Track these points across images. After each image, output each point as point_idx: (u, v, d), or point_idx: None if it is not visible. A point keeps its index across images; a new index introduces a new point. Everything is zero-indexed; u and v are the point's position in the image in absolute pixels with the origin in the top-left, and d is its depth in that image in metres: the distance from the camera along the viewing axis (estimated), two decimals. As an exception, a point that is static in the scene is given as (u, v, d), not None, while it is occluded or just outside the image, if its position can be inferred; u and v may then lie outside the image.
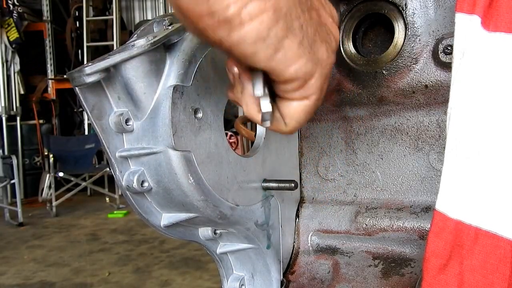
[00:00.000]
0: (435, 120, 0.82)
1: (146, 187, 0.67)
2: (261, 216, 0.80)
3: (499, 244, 0.51)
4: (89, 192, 8.12)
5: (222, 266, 0.84)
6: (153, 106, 0.64)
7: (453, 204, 0.54)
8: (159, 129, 0.63)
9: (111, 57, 0.59)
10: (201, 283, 4.14)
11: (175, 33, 0.65)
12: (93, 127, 0.65)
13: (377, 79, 0.83)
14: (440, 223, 0.54)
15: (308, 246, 0.92)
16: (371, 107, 0.86)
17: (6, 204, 6.82)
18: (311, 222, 0.93)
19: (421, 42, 0.79)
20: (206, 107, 0.68)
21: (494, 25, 0.53)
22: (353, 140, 0.90)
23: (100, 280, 4.29)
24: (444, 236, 0.54)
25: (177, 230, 0.75)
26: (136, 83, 0.62)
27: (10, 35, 7.65)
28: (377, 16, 0.83)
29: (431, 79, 0.79)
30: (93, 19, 8.76)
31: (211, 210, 0.69)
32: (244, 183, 0.75)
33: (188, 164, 0.64)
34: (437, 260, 0.54)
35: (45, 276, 4.47)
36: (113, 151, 0.65)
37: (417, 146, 0.84)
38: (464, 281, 0.52)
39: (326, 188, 0.93)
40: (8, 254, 5.18)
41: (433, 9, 0.78)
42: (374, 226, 0.87)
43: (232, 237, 0.80)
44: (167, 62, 0.65)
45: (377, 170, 0.88)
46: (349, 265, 0.87)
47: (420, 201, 0.84)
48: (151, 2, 10.57)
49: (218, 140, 0.70)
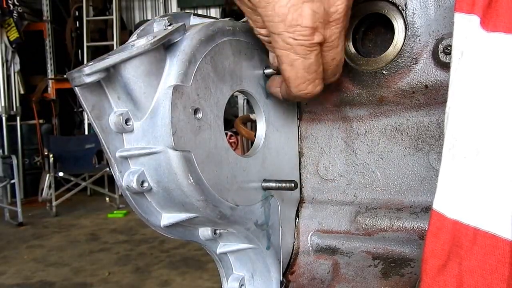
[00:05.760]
0: (435, 120, 0.82)
1: (146, 187, 0.67)
2: (261, 216, 0.80)
3: (498, 245, 0.51)
4: (89, 192, 8.12)
5: (221, 266, 0.84)
6: (153, 106, 0.64)
7: (450, 204, 0.54)
8: (159, 129, 0.63)
9: (110, 57, 0.59)
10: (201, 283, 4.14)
11: (175, 33, 0.65)
12: (93, 127, 0.65)
13: (377, 79, 0.83)
14: (438, 223, 0.54)
15: (308, 246, 0.92)
16: (371, 107, 0.86)
17: (6, 204, 6.83)
18: (311, 222, 0.93)
19: (421, 42, 0.79)
20: (206, 107, 0.68)
21: (493, 25, 0.53)
22: (353, 140, 0.90)
23: (100, 280, 4.29)
24: (442, 236, 0.54)
25: (177, 230, 0.75)
26: (136, 83, 0.62)
27: (10, 35, 7.65)
28: (377, 16, 0.83)
29: (431, 79, 0.79)
30: (93, 19, 8.77)
31: (211, 210, 0.69)
32: (244, 183, 0.76)
33: (188, 164, 0.64)
34: (436, 261, 0.54)
35: (45, 276, 4.47)
36: (112, 151, 0.65)
37: (417, 146, 0.84)
38: (463, 281, 0.52)
39: (326, 188, 0.93)
40: (8, 254, 5.18)
41: (433, 9, 0.78)
42: (374, 226, 0.87)
43: (232, 237, 0.80)
44: (167, 62, 0.65)
45: (377, 170, 0.88)
46: (349, 265, 0.87)
47: (420, 201, 0.84)
48: (151, 2, 10.58)
49: (218, 140, 0.70)
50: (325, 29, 0.65)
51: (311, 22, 0.63)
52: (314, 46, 0.65)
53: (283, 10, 0.62)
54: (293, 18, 0.62)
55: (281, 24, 0.63)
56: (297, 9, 0.62)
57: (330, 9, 0.64)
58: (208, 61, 0.68)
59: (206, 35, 0.68)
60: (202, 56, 0.67)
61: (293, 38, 0.64)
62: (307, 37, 0.64)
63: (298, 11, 0.62)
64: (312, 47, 0.65)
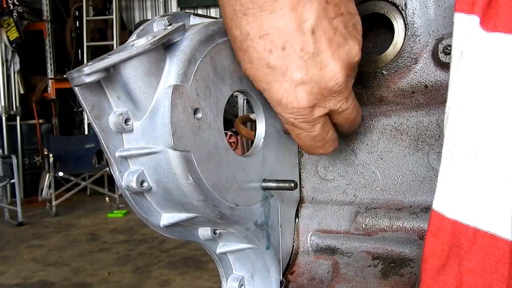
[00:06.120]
0: (435, 120, 0.82)
1: (146, 187, 0.67)
2: (261, 216, 0.80)
3: (497, 245, 0.51)
4: (88, 192, 8.12)
5: (221, 266, 0.84)
6: (152, 106, 0.64)
7: (450, 204, 0.54)
8: (158, 129, 0.63)
9: (110, 57, 0.59)
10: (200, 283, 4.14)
11: (174, 33, 0.65)
12: (92, 127, 0.65)
13: (376, 79, 0.83)
14: (437, 223, 0.54)
15: (307, 246, 0.92)
16: (371, 107, 0.86)
17: (6, 204, 6.83)
18: (310, 222, 0.93)
19: (421, 42, 0.79)
20: (206, 107, 0.68)
21: (493, 25, 0.53)
22: (352, 140, 0.90)
23: (99, 280, 4.29)
24: (442, 236, 0.54)
25: (177, 230, 0.75)
26: (135, 83, 0.62)
27: (10, 34, 7.65)
28: (377, 16, 0.83)
29: (431, 79, 0.79)
30: (93, 19, 8.77)
31: (211, 210, 0.69)
32: (244, 183, 0.76)
33: (188, 164, 0.64)
34: (435, 261, 0.54)
35: (45, 275, 4.47)
36: (112, 151, 0.65)
37: (416, 146, 0.84)
38: (463, 281, 0.52)
39: (326, 188, 0.93)
40: (7, 254, 5.18)
41: (433, 9, 0.78)
42: (374, 226, 0.87)
43: (231, 237, 0.80)
44: (166, 62, 0.65)
45: (376, 170, 0.88)
46: (348, 265, 0.87)
47: (420, 201, 0.84)
48: (151, 2, 10.58)
49: (218, 140, 0.70)
50: (327, 102, 0.65)
51: (307, 103, 0.63)
52: (317, 120, 0.66)
53: (276, 96, 0.63)
54: (288, 102, 0.63)
55: (278, 107, 0.65)
56: (290, 94, 0.62)
57: (327, 85, 0.62)
58: (208, 61, 0.68)
59: (206, 35, 0.68)
60: (202, 56, 0.67)
61: (293, 118, 0.65)
62: (306, 116, 0.64)
63: (292, 95, 0.62)
64: (315, 121, 0.66)
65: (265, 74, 0.62)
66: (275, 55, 0.60)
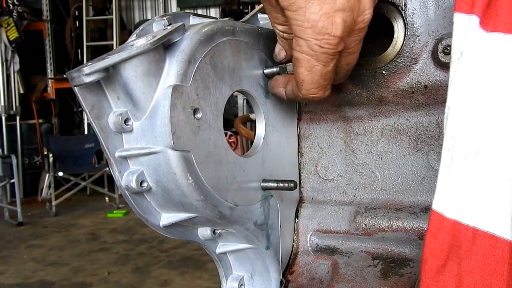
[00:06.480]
0: (434, 120, 0.82)
1: (145, 187, 0.67)
2: (261, 216, 0.80)
3: (497, 245, 0.51)
4: (88, 192, 8.12)
5: (221, 266, 0.84)
6: (152, 106, 0.64)
7: (450, 204, 0.54)
8: (158, 129, 0.63)
9: (110, 57, 0.59)
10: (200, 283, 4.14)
11: (174, 33, 0.65)
12: (92, 127, 0.65)
13: (376, 79, 0.83)
14: (437, 223, 0.54)
15: (307, 246, 0.92)
16: (371, 107, 0.86)
17: (6, 204, 6.83)
18: (310, 222, 0.93)
19: (420, 42, 0.79)
20: (206, 107, 0.68)
21: (492, 25, 0.53)
22: (352, 140, 0.90)
23: (99, 280, 4.29)
24: (441, 236, 0.54)
25: (176, 230, 0.75)
26: (135, 83, 0.62)
27: (9, 34, 7.65)
28: (377, 16, 0.83)
29: (430, 79, 0.79)
30: (93, 19, 8.76)
31: (210, 210, 0.69)
32: (244, 183, 0.76)
33: (187, 164, 0.64)
34: (435, 261, 0.54)
35: (45, 275, 4.47)
36: (112, 151, 0.65)
37: (416, 146, 0.84)
38: (463, 282, 0.52)
39: (326, 188, 0.93)
40: (7, 254, 5.18)
41: (433, 9, 0.78)
42: (374, 226, 0.87)
43: (231, 237, 0.80)
44: (166, 62, 0.65)
45: (376, 170, 0.88)
46: (348, 265, 0.87)
47: (420, 201, 0.84)
48: (151, 2, 10.57)
49: (218, 140, 0.70)
50: (349, 37, 0.65)
51: (341, 32, 0.63)
52: (336, 55, 0.66)
53: (314, 17, 0.61)
54: (324, 26, 0.62)
55: (309, 30, 0.63)
56: (328, 18, 0.61)
57: (358, 18, 0.63)
58: (208, 61, 0.68)
59: (205, 35, 0.68)
60: (201, 56, 0.67)
61: (319, 45, 0.64)
62: (333, 46, 0.64)
63: (330, 20, 0.61)
64: (334, 56, 0.65)
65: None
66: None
